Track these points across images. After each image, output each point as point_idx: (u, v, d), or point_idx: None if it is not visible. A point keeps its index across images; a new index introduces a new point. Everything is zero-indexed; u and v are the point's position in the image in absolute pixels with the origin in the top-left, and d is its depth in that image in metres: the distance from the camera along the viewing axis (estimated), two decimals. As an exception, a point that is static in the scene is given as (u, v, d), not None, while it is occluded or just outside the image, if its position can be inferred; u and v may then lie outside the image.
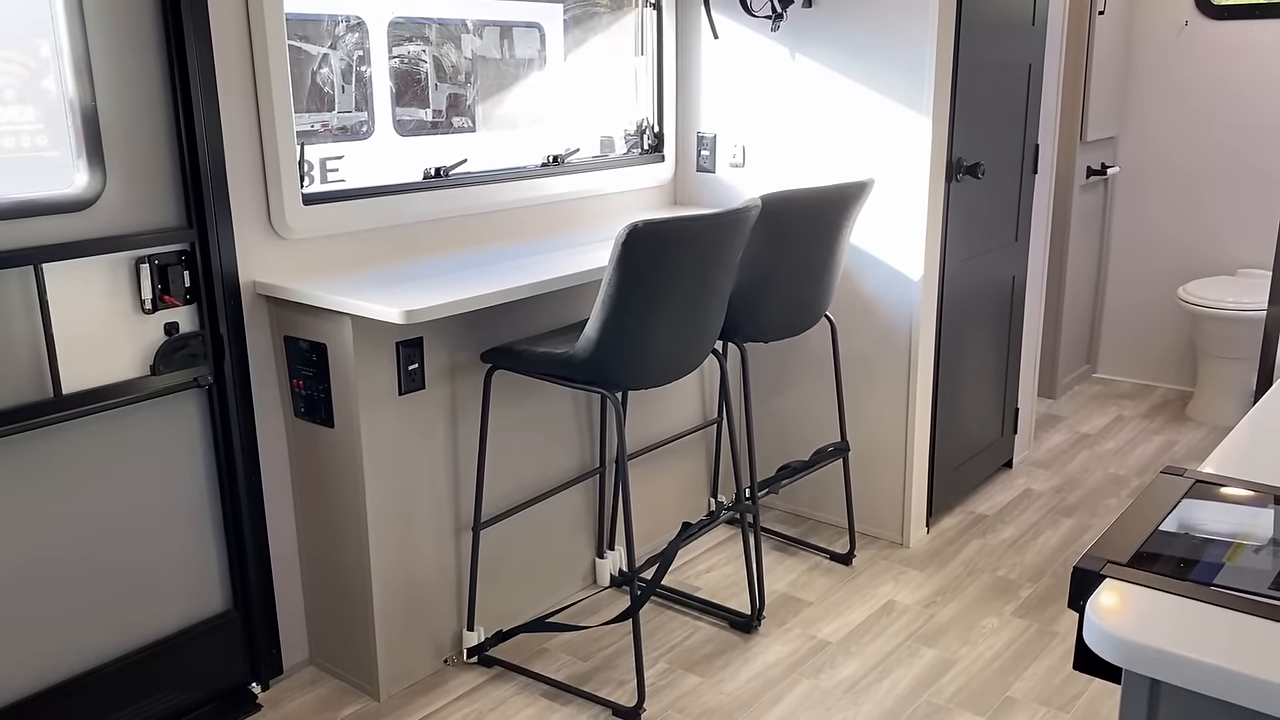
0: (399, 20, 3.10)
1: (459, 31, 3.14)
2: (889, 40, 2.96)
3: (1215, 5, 4.31)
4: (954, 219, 3.15)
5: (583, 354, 2.27)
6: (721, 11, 3.25)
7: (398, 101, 3.17)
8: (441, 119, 3.25)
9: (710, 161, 3.43)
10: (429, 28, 3.11)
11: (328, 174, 3.05)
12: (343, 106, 3.12)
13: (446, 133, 3.28)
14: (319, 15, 2.99)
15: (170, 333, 2.21)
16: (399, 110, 3.18)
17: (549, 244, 2.85)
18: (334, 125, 3.07)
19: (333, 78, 2.99)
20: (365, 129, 3.23)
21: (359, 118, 3.13)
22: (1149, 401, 4.55)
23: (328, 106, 3.02)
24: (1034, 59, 3.45)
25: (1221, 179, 4.42)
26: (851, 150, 3.09)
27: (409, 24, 3.10)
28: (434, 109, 3.28)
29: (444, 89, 3.23)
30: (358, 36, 3.01)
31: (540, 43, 3.38)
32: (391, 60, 3.10)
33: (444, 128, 3.25)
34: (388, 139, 3.28)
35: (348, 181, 3.00)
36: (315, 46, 2.92)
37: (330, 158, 3.09)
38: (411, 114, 3.21)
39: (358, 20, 3.08)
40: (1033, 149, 3.56)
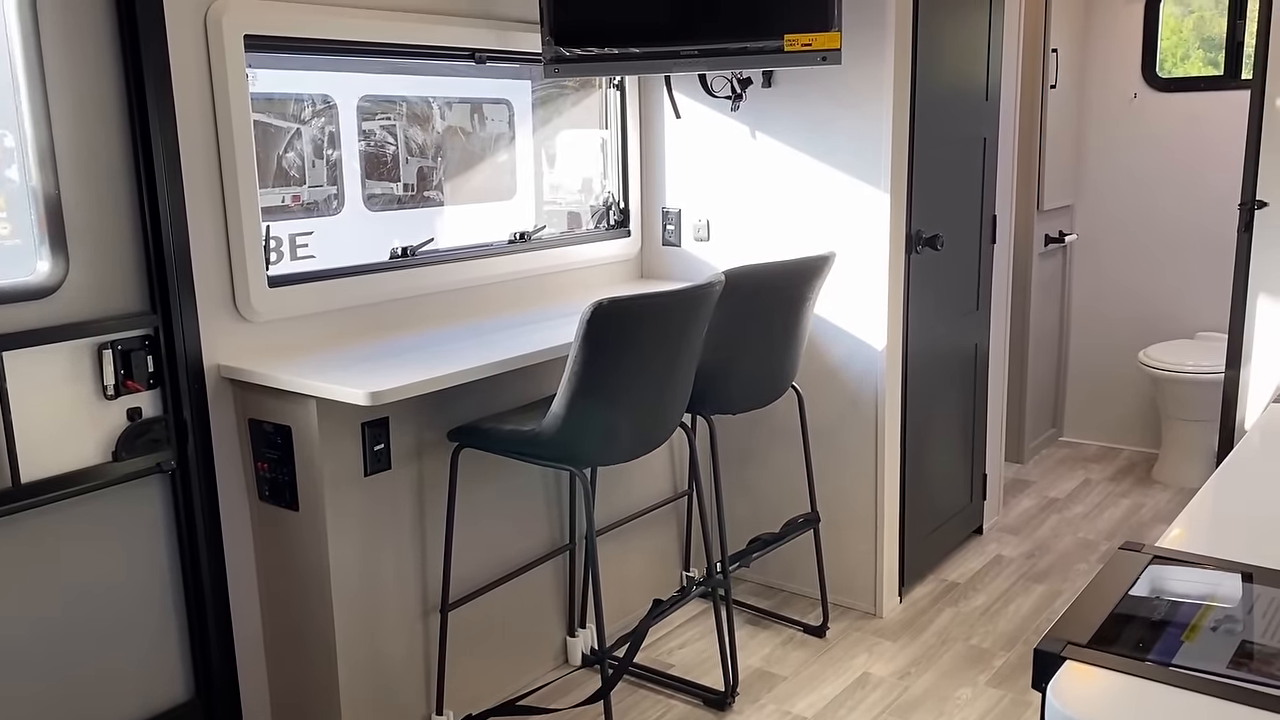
0: (368, 98, 3.14)
1: (428, 108, 3.18)
2: (846, 118, 3.03)
3: (1161, 78, 4.45)
4: (915, 289, 3.20)
5: (550, 431, 2.27)
6: (683, 92, 3.32)
7: (367, 177, 3.20)
8: (411, 194, 3.28)
9: (675, 235, 3.47)
10: (398, 104, 3.15)
11: (297, 250, 3.06)
12: (313, 181, 3.14)
13: (416, 207, 3.31)
14: (287, 94, 3.03)
15: (133, 418, 2.20)
16: (369, 185, 3.21)
17: (516, 319, 2.87)
18: (304, 200, 3.09)
19: (302, 154, 3.01)
20: (335, 205, 3.24)
21: (329, 191, 3.15)
22: (1115, 464, 4.60)
23: (297, 182, 3.04)
24: (989, 133, 3.54)
25: (1176, 245, 4.52)
26: (813, 224, 3.15)
27: (378, 101, 3.14)
28: (404, 184, 3.31)
29: (413, 164, 3.26)
30: (327, 114, 3.05)
31: (509, 119, 3.43)
32: (361, 138, 3.13)
33: (413, 203, 3.28)
34: (357, 214, 3.30)
35: (317, 258, 3.01)
36: (284, 121, 2.94)
37: (300, 234, 3.11)
38: (381, 189, 3.24)
39: (327, 98, 3.12)
40: (990, 219, 3.63)
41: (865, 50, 2.96)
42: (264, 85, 2.78)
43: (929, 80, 3.12)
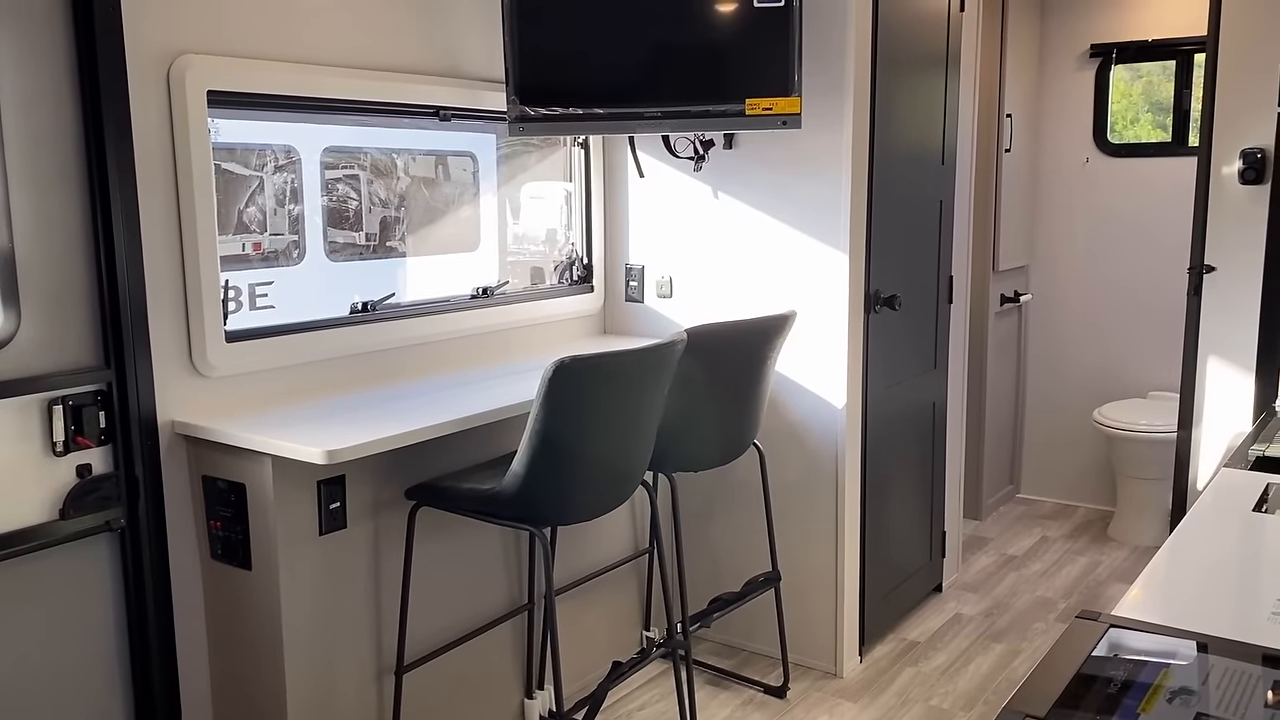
0: (332, 149, 3.14)
1: (392, 159, 3.18)
2: (807, 180, 3.08)
3: (1113, 144, 4.57)
4: (874, 348, 3.23)
5: (509, 490, 2.25)
6: (646, 151, 3.36)
7: (330, 226, 3.18)
8: (373, 244, 3.27)
9: (638, 292, 3.49)
10: (362, 155, 3.14)
11: (256, 300, 3.03)
12: (273, 230, 3.12)
13: (378, 258, 3.29)
14: (250, 144, 3.02)
15: (82, 475, 2.15)
16: (331, 235, 3.19)
17: (478, 375, 2.85)
18: (265, 248, 3.06)
19: (264, 203, 3.00)
20: (296, 254, 3.22)
21: (290, 239, 3.13)
22: (1072, 521, 4.64)
23: (259, 230, 3.02)
24: (945, 195, 3.60)
25: (1128, 305, 4.61)
26: (774, 282, 3.18)
27: (342, 152, 3.14)
28: (366, 234, 3.30)
29: (376, 214, 3.25)
30: (290, 164, 3.04)
31: (473, 171, 3.44)
32: (323, 188, 3.12)
33: (376, 253, 3.27)
34: (319, 264, 3.28)
35: (277, 308, 2.98)
36: (246, 170, 2.93)
37: (259, 283, 3.08)
38: (343, 239, 3.22)
39: (289, 149, 3.11)
40: (947, 280, 3.69)
41: (825, 115, 3.01)
42: (226, 135, 2.77)
43: (887, 144, 3.18)
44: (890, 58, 3.15)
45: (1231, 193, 3.15)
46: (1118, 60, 4.49)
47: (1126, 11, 4.43)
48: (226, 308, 2.40)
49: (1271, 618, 1.24)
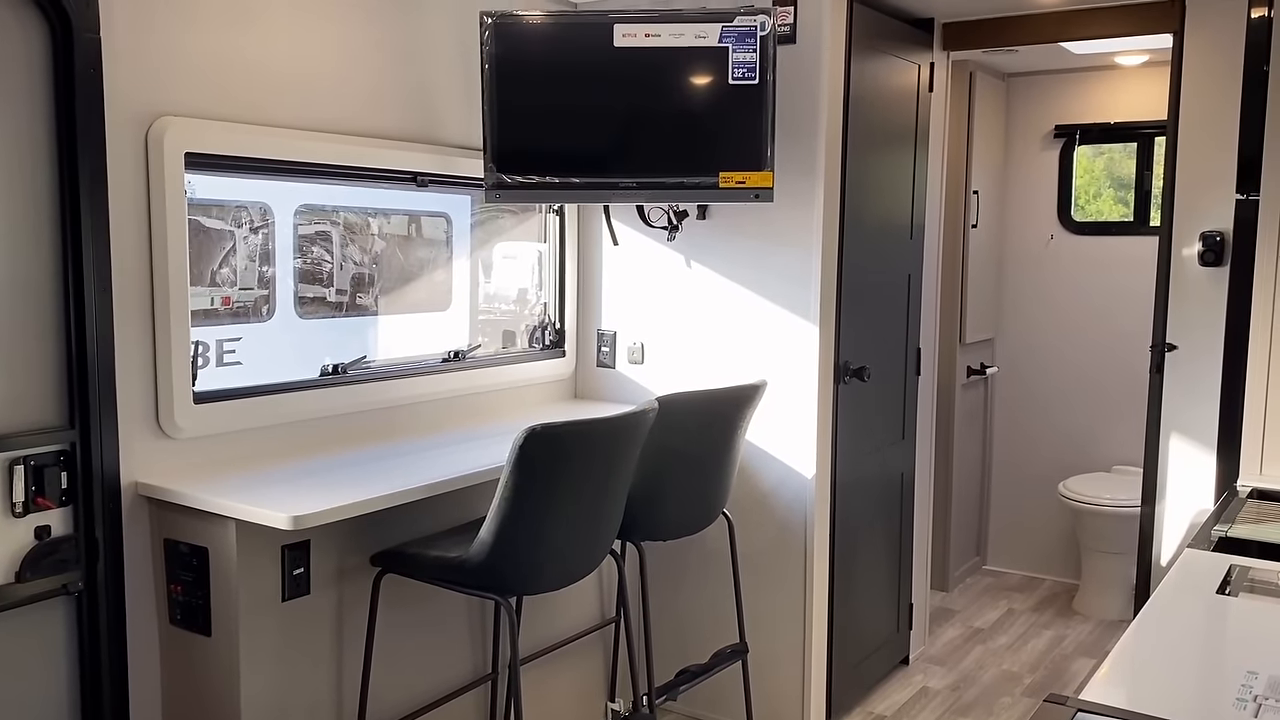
0: (306, 206, 3.14)
1: (366, 218, 3.19)
2: (778, 252, 3.12)
3: (1077, 222, 4.68)
4: (844, 418, 3.25)
5: (476, 559, 2.23)
6: (621, 220, 3.39)
7: (301, 283, 3.18)
8: (345, 303, 3.27)
9: (610, 357, 3.50)
10: (336, 213, 3.15)
11: (224, 356, 3.01)
12: (243, 285, 3.11)
13: (349, 316, 3.29)
14: (224, 201, 3.02)
15: (41, 537, 2.11)
16: (301, 291, 3.19)
17: (449, 439, 2.84)
18: (235, 302, 3.05)
19: (235, 258, 2.99)
20: (266, 311, 3.21)
21: (260, 295, 3.12)
22: (1037, 594, 4.65)
23: (229, 285, 3.01)
24: (913, 269, 3.66)
25: (1092, 379, 4.68)
26: (745, 352, 3.20)
27: (315, 209, 3.15)
28: (337, 292, 3.30)
29: (348, 272, 3.26)
30: (263, 220, 3.04)
31: (447, 231, 3.45)
32: (296, 247, 3.12)
33: (347, 311, 3.26)
34: (288, 321, 3.27)
35: (245, 364, 2.96)
36: (218, 223, 2.93)
37: (228, 339, 3.06)
38: (314, 297, 3.22)
39: (263, 206, 3.12)
40: (915, 352, 3.73)
41: (797, 188, 3.07)
42: (200, 190, 2.77)
43: (857, 219, 3.23)
44: (861, 135, 3.22)
45: (1192, 274, 3.23)
46: (1081, 141, 4.61)
47: (1089, 94, 4.57)
48: (196, 368, 2.38)
49: (1236, 703, 1.24)
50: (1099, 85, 4.54)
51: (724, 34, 2.83)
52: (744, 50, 2.84)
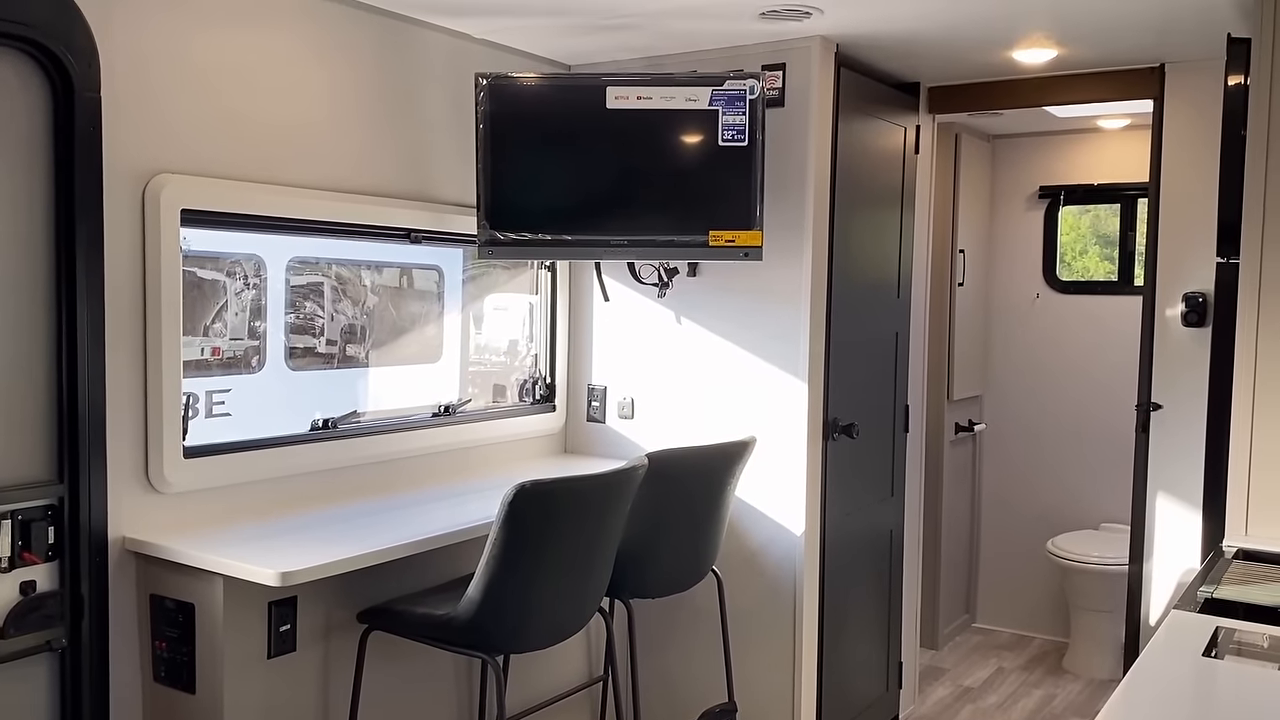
0: (298, 259, 3.17)
1: (358, 270, 3.21)
2: (767, 310, 3.15)
3: (1062, 281, 4.74)
4: (833, 475, 3.26)
5: (464, 616, 2.22)
6: (612, 276, 3.43)
7: (291, 337, 3.19)
8: (336, 354, 3.27)
9: (600, 412, 3.51)
10: (328, 265, 3.17)
11: (214, 408, 3.01)
12: (234, 334, 3.12)
13: (340, 368, 3.30)
14: (216, 253, 3.04)
15: (26, 592, 2.10)
16: (292, 340, 3.20)
17: (438, 493, 2.84)
18: (225, 353, 3.05)
19: (227, 308, 3.00)
20: (256, 361, 3.22)
21: (250, 345, 3.13)
22: (1027, 653, 4.63)
23: (220, 335, 3.02)
24: (901, 327, 3.70)
25: (1079, 436, 4.71)
26: (735, 407, 3.22)
27: (308, 261, 3.17)
28: (328, 344, 3.31)
29: (339, 323, 3.27)
30: (255, 271, 3.05)
31: (439, 285, 3.48)
32: (288, 300, 3.14)
33: (337, 363, 3.27)
34: (279, 373, 3.27)
35: (234, 416, 2.96)
36: (210, 273, 2.94)
37: (217, 390, 3.06)
38: (305, 349, 3.23)
39: (255, 257, 3.14)
40: (903, 409, 3.75)
41: (786, 247, 3.11)
42: (194, 243, 2.79)
43: (845, 277, 3.27)
44: (848, 195, 3.27)
45: (1176, 334, 3.27)
46: (1065, 202, 4.69)
47: (1073, 156, 4.65)
48: (187, 423, 2.39)
49: (1222, 769, 1.25)
50: (1082, 147, 4.63)
51: (714, 97, 2.89)
52: (734, 113, 2.89)
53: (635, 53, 3.25)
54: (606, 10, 2.77)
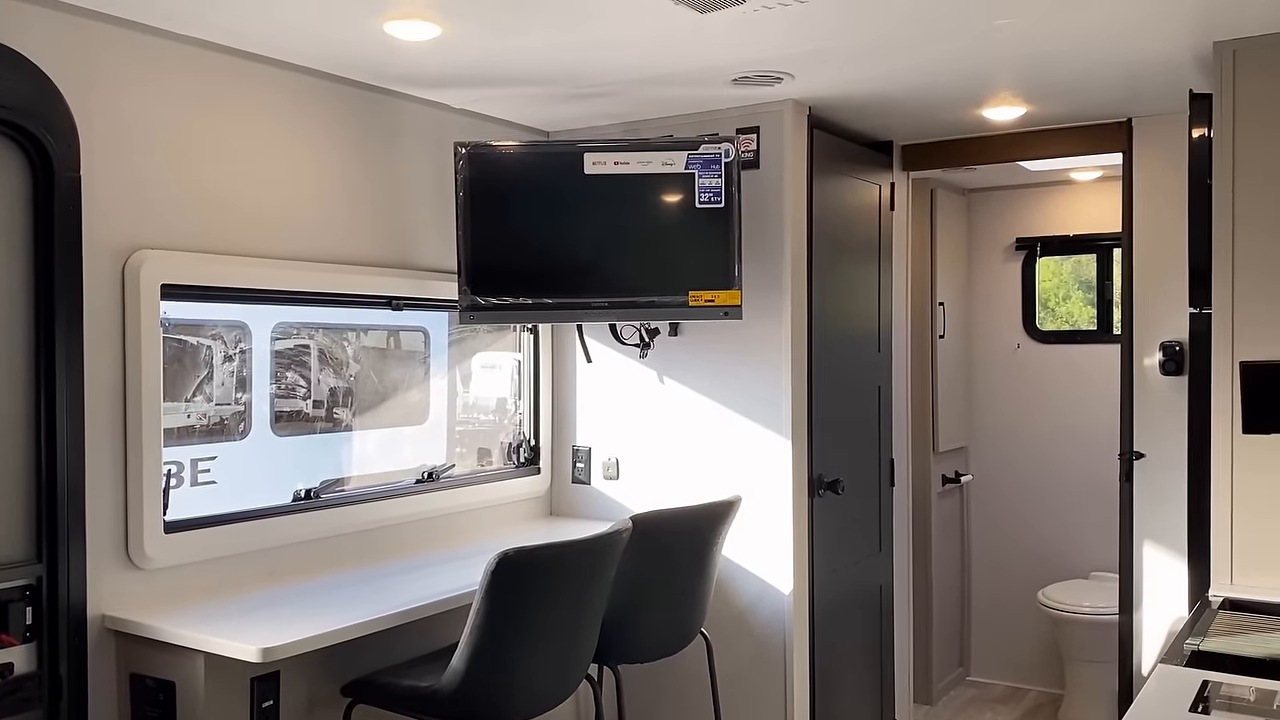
0: (283, 324, 3.17)
1: (343, 334, 3.21)
2: (749, 367, 3.17)
3: (1042, 330, 4.77)
4: (819, 532, 3.25)
5: (449, 688, 2.20)
6: (594, 338, 3.44)
7: (277, 402, 3.18)
8: (321, 418, 3.27)
9: (585, 474, 3.50)
10: (313, 330, 3.17)
11: (198, 476, 2.99)
12: (219, 400, 3.11)
13: (325, 432, 3.29)
14: (201, 320, 3.04)
15: (3, 674, 2.07)
16: (277, 407, 3.19)
17: (423, 561, 2.82)
18: (210, 418, 3.04)
19: (211, 375, 2.99)
20: (242, 428, 3.21)
21: (236, 410, 3.12)
22: (1022, 705, 4.58)
23: (204, 401, 3.01)
24: (883, 381, 3.72)
25: (1065, 486, 4.71)
26: (719, 466, 3.22)
27: (293, 326, 3.17)
28: (314, 407, 3.30)
29: (325, 387, 3.27)
30: (240, 338, 3.06)
31: (424, 348, 3.48)
32: (274, 367, 3.13)
33: (323, 427, 3.26)
34: (264, 439, 3.26)
35: (219, 483, 2.94)
36: (196, 338, 2.94)
37: (202, 459, 3.05)
38: (290, 413, 3.22)
39: (240, 324, 3.14)
40: (888, 462, 3.76)
41: (765, 305, 3.13)
42: (178, 311, 2.79)
43: (825, 333, 3.29)
44: (826, 252, 3.30)
45: (1154, 382, 3.30)
46: (1042, 253, 4.74)
47: (1048, 208, 4.71)
48: (168, 496, 2.37)
49: (1210, 830, 1.24)
50: (1057, 199, 4.69)
51: (690, 161, 2.93)
52: (709, 176, 2.93)
53: (613, 118, 3.31)
54: (584, 80, 2.82)
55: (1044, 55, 2.63)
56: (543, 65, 2.67)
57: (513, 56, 2.58)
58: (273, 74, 2.60)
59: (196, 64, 2.43)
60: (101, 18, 2.23)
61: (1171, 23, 2.38)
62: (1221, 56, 2.47)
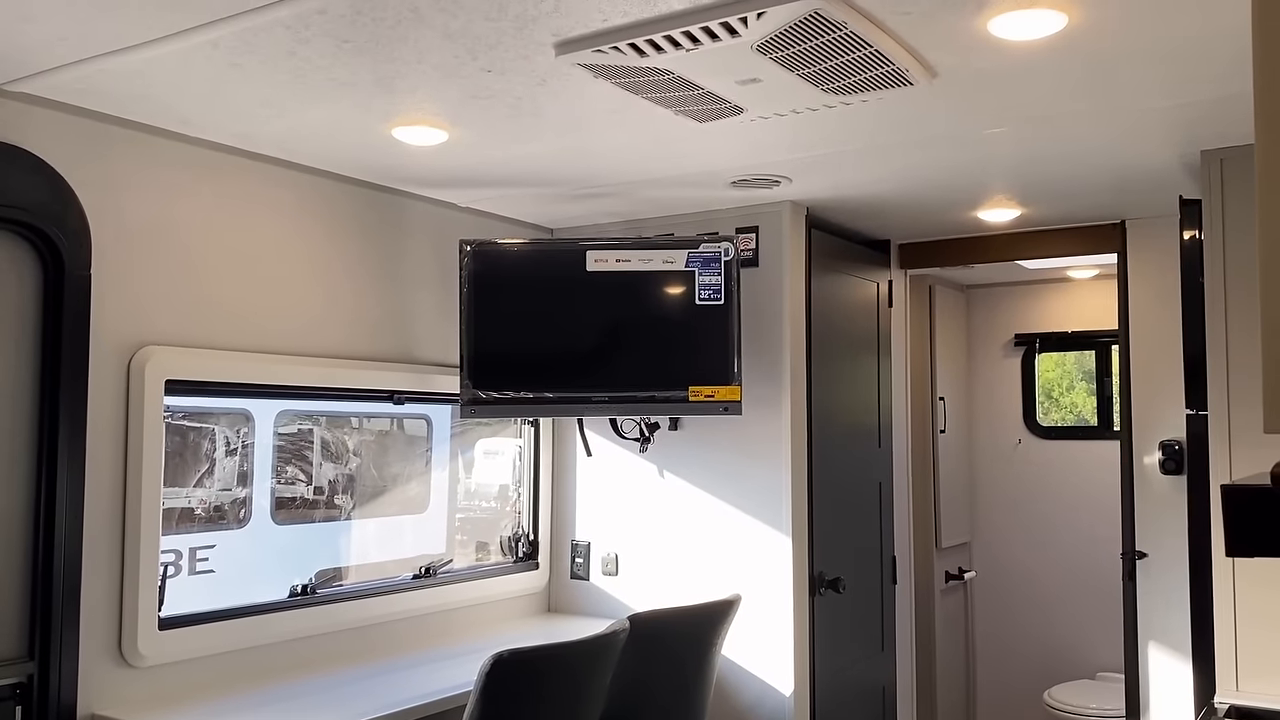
0: (286, 412, 3.19)
1: (346, 422, 3.22)
2: (748, 463, 3.17)
3: (1043, 426, 4.78)
4: (821, 631, 3.21)
5: (441, 793, 2.16)
6: (594, 431, 3.45)
7: (278, 489, 3.18)
8: (322, 503, 3.26)
9: (584, 569, 3.48)
10: (317, 419, 3.19)
11: (196, 565, 2.98)
12: (221, 485, 3.10)
13: (326, 521, 3.28)
14: (205, 408, 3.06)
15: (-12, 776, 2.04)
16: (279, 492, 3.18)
17: (419, 659, 2.79)
18: (211, 504, 3.04)
19: (213, 462, 3.00)
20: (243, 514, 3.20)
21: (237, 498, 3.11)
22: (1031, 811, 4.46)
23: (206, 486, 3.01)
24: (884, 477, 3.71)
25: (1068, 583, 4.66)
26: (719, 563, 3.20)
27: (296, 414, 3.19)
28: (315, 490, 3.29)
29: (326, 475, 3.27)
30: (243, 425, 3.07)
31: (426, 436, 3.49)
32: (275, 455, 3.14)
33: (323, 515, 3.25)
34: (264, 527, 3.25)
35: (217, 572, 2.92)
36: (198, 425, 2.95)
37: (201, 547, 3.03)
38: (291, 501, 3.21)
39: (244, 412, 3.16)
40: (890, 560, 3.73)
41: (765, 401, 3.15)
42: (179, 400, 2.82)
43: (825, 429, 3.30)
44: (825, 349, 3.33)
45: (1155, 481, 3.29)
46: (1041, 349, 4.77)
47: (1046, 304, 4.76)
48: (163, 593, 2.36)
49: None
50: (1054, 296, 4.74)
51: (690, 259, 2.98)
52: (709, 274, 2.98)
53: (615, 217, 3.37)
54: (586, 182, 2.88)
55: (1036, 162, 2.69)
56: (546, 168, 2.74)
57: (517, 160, 2.65)
58: (282, 174, 2.67)
59: (208, 165, 2.50)
60: (117, 121, 2.30)
61: (1159, 133, 2.44)
62: (1210, 165, 2.53)
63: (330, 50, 1.90)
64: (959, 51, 1.91)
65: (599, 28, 1.80)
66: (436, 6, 1.71)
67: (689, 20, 1.74)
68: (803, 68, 1.94)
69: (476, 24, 1.78)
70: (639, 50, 1.85)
